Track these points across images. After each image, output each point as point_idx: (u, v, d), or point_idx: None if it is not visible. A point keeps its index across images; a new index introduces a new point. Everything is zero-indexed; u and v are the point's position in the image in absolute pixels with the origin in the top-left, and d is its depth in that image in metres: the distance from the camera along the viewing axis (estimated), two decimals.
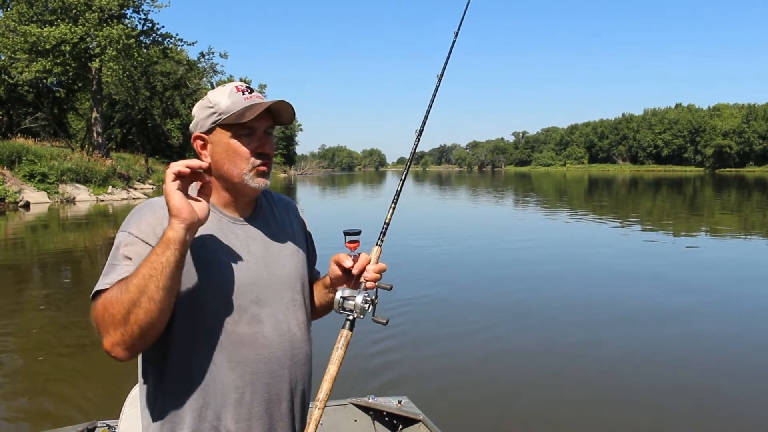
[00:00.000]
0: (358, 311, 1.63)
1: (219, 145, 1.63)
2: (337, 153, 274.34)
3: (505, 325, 7.67)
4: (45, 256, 14.27)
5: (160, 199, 1.62)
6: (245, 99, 1.63)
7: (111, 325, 1.42)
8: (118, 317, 1.41)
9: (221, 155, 1.63)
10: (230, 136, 1.62)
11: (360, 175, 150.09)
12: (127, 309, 1.40)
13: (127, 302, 1.41)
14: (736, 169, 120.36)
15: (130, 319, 1.41)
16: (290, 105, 1.65)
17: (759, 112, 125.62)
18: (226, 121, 1.61)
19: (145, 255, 1.46)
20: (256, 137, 1.65)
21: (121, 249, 1.54)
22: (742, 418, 4.95)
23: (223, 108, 1.61)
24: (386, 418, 3.23)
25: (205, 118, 1.64)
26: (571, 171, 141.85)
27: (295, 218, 1.88)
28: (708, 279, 10.77)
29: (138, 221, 1.59)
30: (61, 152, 33.14)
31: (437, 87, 2.10)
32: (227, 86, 1.66)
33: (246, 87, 1.66)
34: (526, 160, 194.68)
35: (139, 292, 1.40)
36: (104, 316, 1.43)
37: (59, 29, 32.33)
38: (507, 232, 18.58)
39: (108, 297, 1.44)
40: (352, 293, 1.66)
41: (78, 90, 42.70)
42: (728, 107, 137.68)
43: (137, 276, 1.41)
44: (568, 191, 48.02)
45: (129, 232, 1.56)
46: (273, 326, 1.66)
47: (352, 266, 1.70)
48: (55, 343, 7.00)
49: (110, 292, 1.45)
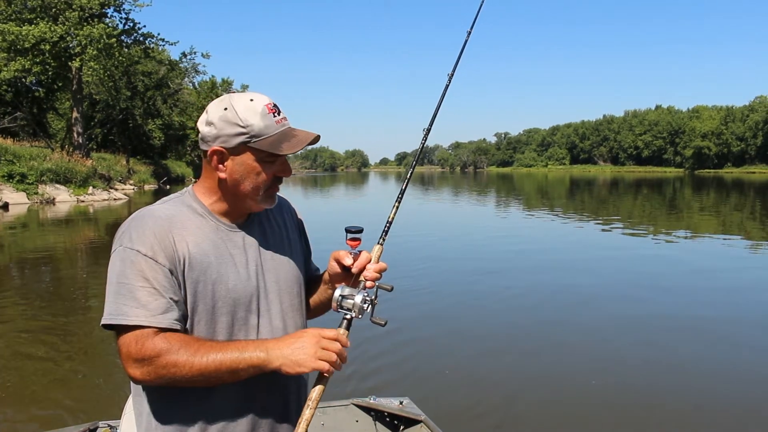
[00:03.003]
0: (356, 311, 1.59)
1: (241, 164, 1.59)
2: (320, 154, 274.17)
3: (507, 327, 7.68)
4: (27, 256, 14.05)
5: (160, 208, 1.62)
6: (277, 123, 1.58)
7: (153, 372, 1.47)
8: (164, 374, 1.47)
9: (241, 174, 1.60)
10: (255, 159, 1.59)
11: (343, 175, 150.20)
12: (179, 376, 1.47)
13: (183, 374, 1.46)
14: (715, 170, 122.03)
15: (173, 378, 1.48)
16: (319, 136, 1.63)
17: (737, 114, 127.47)
18: (257, 145, 1.57)
19: (158, 277, 1.49)
20: (279, 162, 1.62)
21: (135, 270, 1.50)
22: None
23: (255, 130, 1.56)
24: (387, 418, 3.22)
25: (233, 135, 1.57)
26: (553, 172, 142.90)
27: (290, 217, 1.86)
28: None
29: (142, 237, 1.53)
30: (41, 152, 32.76)
31: (447, 86, 2.06)
32: (257, 104, 1.58)
33: (274, 106, 1.60)
34: (508, 161, 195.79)
35: (199, 376, 1.47)
36: (159, 357, 1.46)
37: (39, 28, 31.97)
38: (501, 233, 18.63)
39: (167, 352, 1.46)
40: (351, 292, 1.62)
41: (58, 89, 42.27)
42: (707, 109, 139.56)
43: (210, 363, 1.46)
44: (550, 192, 48.36)
45: (138, 251, 1.51)
46: (272, 334, 1.66)
47: (351, 264, 1.68)
48: (53, 343, 6.98)
49: (171, 346, 1.47)
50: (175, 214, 1.60)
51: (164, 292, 1.49)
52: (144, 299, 1.48)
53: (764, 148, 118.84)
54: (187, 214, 1.62)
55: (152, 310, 1.48)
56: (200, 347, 1.48)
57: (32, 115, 43.70)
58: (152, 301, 1.48)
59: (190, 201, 1.66)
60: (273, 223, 1.78)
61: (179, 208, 1.63)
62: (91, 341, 7.04)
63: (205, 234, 1.58)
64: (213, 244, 1.60)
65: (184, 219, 1.60)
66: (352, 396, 3.41)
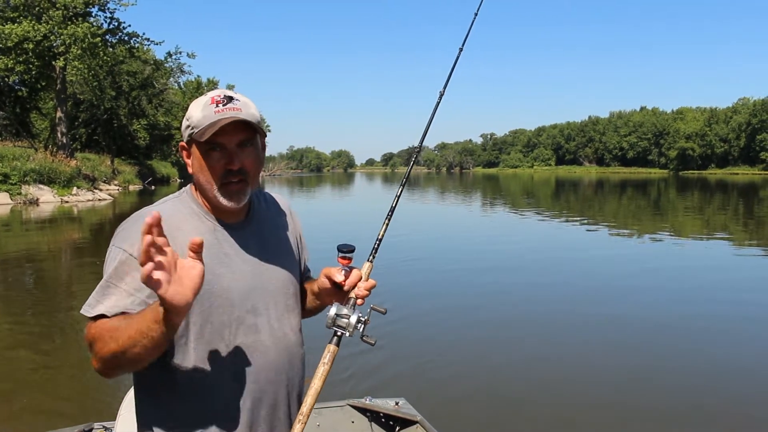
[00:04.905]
0: (350, 330, 1.61)
1: (194, 158, 1.59)
2: (306, 154, 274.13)
3: (502, 327, 7.69)
4: (14, 257, 13.88)
5: (157, 208, 1.58)
6: (216, 112, 1.53)
7: (96, 357, 1.47)
8: (103, 356, 1.44)
9: (196, 169, 1.59)
10: (201, 152, 1.57)
11: (329, 176, 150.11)
12: (112, 355, 1.42)
13: (113, 350, 1.42)
14: (699, 172, 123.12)
15: (112, 362, 1.44)
16: (247, 120, 1.53)
17: (720, 115, 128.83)
18: (196, 137, 1.55)
19: (137, 276, 1.38)
20: (226, 152, 1.56)
21: (116, 267, 1.50)
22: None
23: (194, 121, 1.56)
24: (383, 419, 3.22)
25: (184, 129, 1.60)
26: (539, 173, 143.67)
27: (289, 219, 1.84)
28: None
29: (131, 236, 1.51)
30: (24, 152, 32.33)
31: (438, 103, 2.05)
32: (205, 96, 1.59)
33: (224, 97, 1.57)
34: (494, 161, 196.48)
35: (127, 347, 1.39)
36: (93, 346, 1.47)
37: (22, 26, 31.60)
38: (495, 233, 18.68)
39: (100, 332, 1.45)
40: (347, 312, 1.62)
41: (41, 89, 41.70)
42: (691, 111, 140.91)
43: (127, 332, 1.39)
44: (536, 193, 48.56)
45: (122, 249, 1.51)
46: (270, 334, 1.65)
47: (343, 282, 1.67)
48: (46, 344, 6.96)
49: (104, 326, 1.45)
50: (172, 215, 1.57)
51: (132, 290, 1.47)
52: (111, 296, 1.48)
53: (747, 150, 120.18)
54: (184, 215, 1.61)
55: (110, 303, 1.48)
56: (120, 321, 1.44)
57: (15, 115, 43.13)
58: (116, 298, 1.48)
59: (188, 201, 1.65)
60: (270, 223, 1.76)
61: (176, 209, 1.62)
62: (84, 342, 6.93)
63: (200, 235, 1.53)
64: (207, 245, 1.53)
65: (181, 220, 1.59)
66: (348, 397, 3.40)
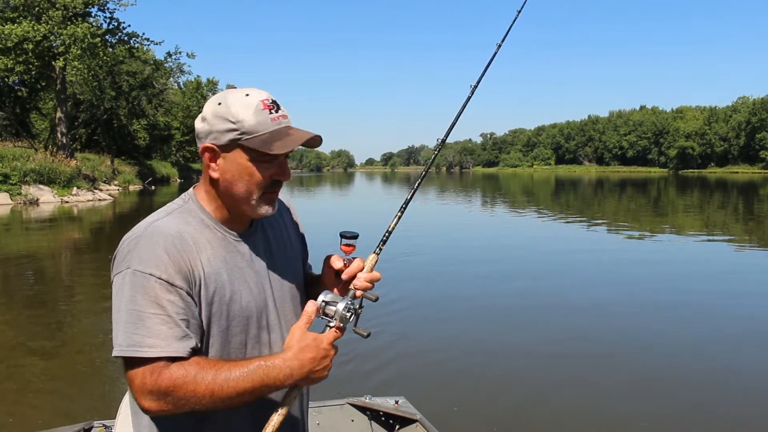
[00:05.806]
0: (338, 319, 1.53)
1: (234, 163, 1.50)
2: (305, 154, 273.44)
3: (502, 326, 7.70)
4: (14, 257, 13.87)
5: (167, 222, 1.51)
6: (272, 120, 1.49)
7: (169, 401, 1.39)
8: (191, 404, 1.40)
9: (234, 175, 1.51)
10: (248, 159, 1.49)
11: (328, 176, 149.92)
12: (211, 404, 1.41)
13: (214, 402, 1.40)
14: (698, 170, 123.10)
15: (199, 409, 1.41)
16: (320, 137, 1.54)
17: (720, 114, 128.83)
18: (248, 143, 1.48)
19: (174, 301, 1.41)
20: (276, 163, 1.52)
21: (150, 294, 1.40)
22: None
23: (246, 127, 1.47)
24: (383, 418, 3.21)
25: (223, 131, 1.48)
26: (539, 172, 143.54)
27: (290, 220, 1.81)
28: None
29: (153, 258, 1.43)
30: (24, 152, 32.32)
31: (469, 97, 2.02)
32: (252, 99, 1.49)
33: (272, 102, 1.51)
34: (494, 161, 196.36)
35: (220, 403, 1.41)
36: (172, 394, 1.38)
37: (21, 27, 31.56)
38: (497, 232, 18.66)
39: (183, 381, 1.39)
40: (334, 299, 1.55)
41: (41, 89, 41.76)
42: (691, 109, 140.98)
43: (242, 385, 1.40)
44: (535, 194, 48.51)
45: (148, 274, 1.41)
46: (281, 348, 1.60)
47: (341, 268, 1.63)
48: (46, 343, 6.96)
49: (189, 373, 1.39)
50: (185, 229, 1.51)
51: (179, 319, 1.41)
52: (157, 328, 1.39)
53: (747, 149, 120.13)
54: (196, 227, 1.53)
55: (167, 339, 1.39)
56: (218, 371, 1.41)
57: (15, 115, 43.13)
58: (166, 330, 1.39)
59: (196, 210, 1.57)
60: (275, 228, 1.72)
61: (186, 220, 1.54)
62: (85, 341, 6.99)
63: (215, 249, 1.51)
64: (224, 261, 1.53)
65: (195, 233, 1.52)
66: (348, 395, 3.38)
